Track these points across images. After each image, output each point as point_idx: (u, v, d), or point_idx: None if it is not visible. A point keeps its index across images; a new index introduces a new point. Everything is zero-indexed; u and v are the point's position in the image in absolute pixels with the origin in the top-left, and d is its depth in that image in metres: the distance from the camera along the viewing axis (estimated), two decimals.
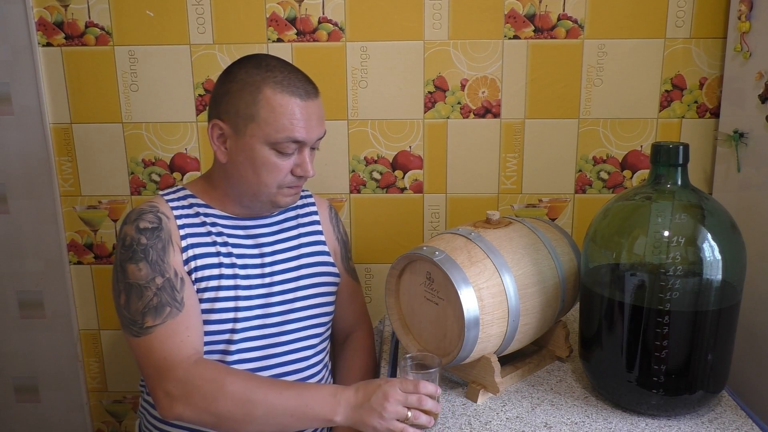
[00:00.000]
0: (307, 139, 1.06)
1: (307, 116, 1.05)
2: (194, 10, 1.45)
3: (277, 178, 1.07)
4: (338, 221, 1.29)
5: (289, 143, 1.05)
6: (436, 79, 1.48)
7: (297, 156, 1.07)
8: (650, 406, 0.96)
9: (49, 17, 1.47)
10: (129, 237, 1.04)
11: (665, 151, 0.95)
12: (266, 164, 1.06)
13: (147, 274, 1.01)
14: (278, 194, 1.10)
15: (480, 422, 0.98)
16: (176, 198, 1.13)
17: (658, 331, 0.92)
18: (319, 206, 1.26)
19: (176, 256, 1.05)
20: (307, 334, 1.15)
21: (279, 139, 1.04)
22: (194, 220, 1.11)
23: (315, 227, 1.23)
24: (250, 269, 1.12)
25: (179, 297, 1.02)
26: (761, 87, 1.23)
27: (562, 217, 1.55)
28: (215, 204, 1.14)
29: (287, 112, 1.04)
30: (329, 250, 1.23)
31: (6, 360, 1.64)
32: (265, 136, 1.04)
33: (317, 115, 1.08)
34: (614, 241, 0.98)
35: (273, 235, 1.17)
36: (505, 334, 1.02)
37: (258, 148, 1.05)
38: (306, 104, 1.05)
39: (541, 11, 1.43)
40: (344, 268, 1.27)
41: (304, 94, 1.06)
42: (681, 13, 1.42)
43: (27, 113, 1.50)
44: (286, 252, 1.17)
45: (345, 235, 1.30)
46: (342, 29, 1.46)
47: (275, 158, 1.06)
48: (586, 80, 1.46)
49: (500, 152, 1.51)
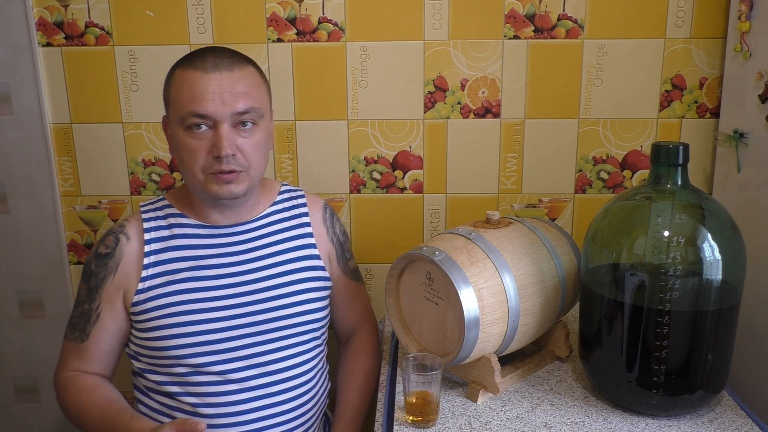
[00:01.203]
0: (213, 113, 1.01)
1: (213, 89, 1.01)
2: (194, 10, 1.45)
3: (197, 162, 1.04)
4: (334, 221, 1.26)
5: (194, 118, 1.01)
6: (436, 79, 1.48)
7: (213, 136, 1.03)
8: (650, 406, 0.96)
9: (49, 17, 1.47)
10: (90, 257, 1.14)
11: (665, 151, 0.95)
12: (183, 147, 1.04)
13: (83, 295, 1.13)
14: (206, 182, 1.05)
15: (480, 422, 0.98)
16: (153, 209, 1.14)
17: (658, 331, 0.92)
18: (311, 207, 1.23)
19: (114, 284, 1.10)
20: (297, 341, 1.14)
21: (183, 114, 1.02)
22: (166, 233, 1.12)
23: (304, 230, 1.20)
24: (223, 279, 1.10)
25: (87, 330, 1.13)
26: (761, 87, 1.23)
27: (562, 217, 1.55)
28: (191, 213, 1.13)
29: (188, 86, 1.01)
30: (320, 253, 1.20)
31: (6, 360, 1.64)
32: (175, 117, 1.04)
33: (229, 87, 1.02)
34: (614, 241, 0.98)
35: (253, 242, 1.14)
36: (505, 334, 1.02)
37: (176, 133, 1.05)
38: (209, 76, 1.01)
39: (541, 11, 1.43)
40: (341, 270, 1.24)
41: (210, 68, 1.02)
42: (681, 13, 1.42)
43: (27, 113, 1.50)
44: (268, 258, 1.14)
45: (343, 235, 1.27)
46: (342, 29, 1.46)
47: (189, 139, 1.03)
48: (586, 80, 1.46)
49: (500, 152, 1.51)
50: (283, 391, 1.12)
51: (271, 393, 1.11)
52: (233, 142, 1.03)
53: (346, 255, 1.27)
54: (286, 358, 1.12)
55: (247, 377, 1.09)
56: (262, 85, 1.10)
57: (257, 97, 1.07)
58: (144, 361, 1.13)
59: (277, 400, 1.11)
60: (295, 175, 1.54)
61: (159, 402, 1.13)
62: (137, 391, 1.17)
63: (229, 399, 1.09)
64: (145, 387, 1.15)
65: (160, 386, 1.12)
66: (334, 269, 1.23)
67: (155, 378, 1.12)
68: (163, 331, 1.08)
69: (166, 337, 1.08)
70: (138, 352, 1.13)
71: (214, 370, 1.08)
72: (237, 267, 1.12)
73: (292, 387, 1.13)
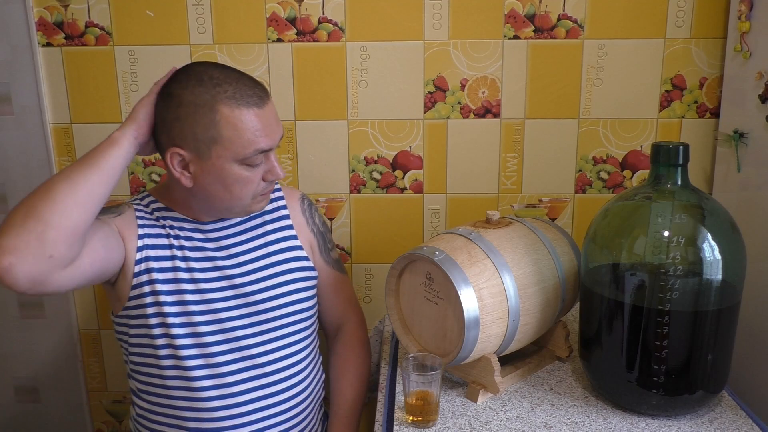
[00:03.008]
0: (272, 145, 1.05)
1: (267, 122, 1.04)
2: (194, 10, 1.45)
3: (252, 190, 1.06)
4: (313, 212, 1.26)
5: (258, 155, 1.04)
6: (436, 79, 1.48)
7: (265, 163, 1.06)
8: (650, 406, 0.96)
9: (49, 17, 1.47)
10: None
11: (665, 151, 0.95)
12: (239, 180, 1.05)
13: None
14: (252, 203, 1.09)
15: (480, 422, 0.98)
16: (141, 203, 1.14)
17: (658, 331, 0.92)
18: (288, 200, 1.23)
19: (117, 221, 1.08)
20: (286, 333, 1.14)
21: (248, 154, 1.02)
22: (155, 222, 1.12)
23: (284, 222, 1.20)
24: (210, 272, 1.11)
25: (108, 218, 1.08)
26: (761, 87, 1.23)
27: (562, 217, 1.55)
28: (177, 207, 1.14)
29: (249, 126, 1.01)
30: (302, 244, 1.20)
31: (6, 360, 1.64)
32: (233, 155, 1.02)
33: (274, 117, 1.06)
34: (614, 241, 0.98)
35: (237, 236, 1.15)
36: (505, 334, 1.02)
37: (227, 167, 1.03)
38: (263, 111, 1.03)
39: (541, 11, 1.43)
40: (324, 261, 1.24)
41: (260, 101, 1.03)
42: (681, 13, 1.42)
43: (27, 113, 1.50)
44: (253, 252, 1.15)
45: (323, 225, 1.27)
46: (342, 29, 1.46)
47: (246, 172, 1.04)
48: (586, 80, 1.46)
49: (500, 152, 1.51)
50: (276, 382, 1.12)
51: (263, 385, 1.11)
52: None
53: (328, 245, 1.27)
54: (277, 349, 1.13)
55: (239, 369, 1.10)
56: None
57: None
58: (135, 361, 1.13)
59: (270, 391, 1.11)
60: (295, 175, 1.54)
61: (151, 402, 1.13)
62: (132, 395, 1.18)
63: (224, 392, 1.09)
64: (138, 389, 1.15)
65: (151, 387, 1.12)
66: (317, 260, 1.23)
67: (146, 379, 1.12)
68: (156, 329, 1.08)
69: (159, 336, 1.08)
70: (131, 351, 1.13)
71: (209, 363, 1.09)
72: (223, 261, 1.12)
73: (284, 378, 1.13)
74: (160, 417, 1.12)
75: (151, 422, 1.14)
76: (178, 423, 1.11)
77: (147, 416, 1.14)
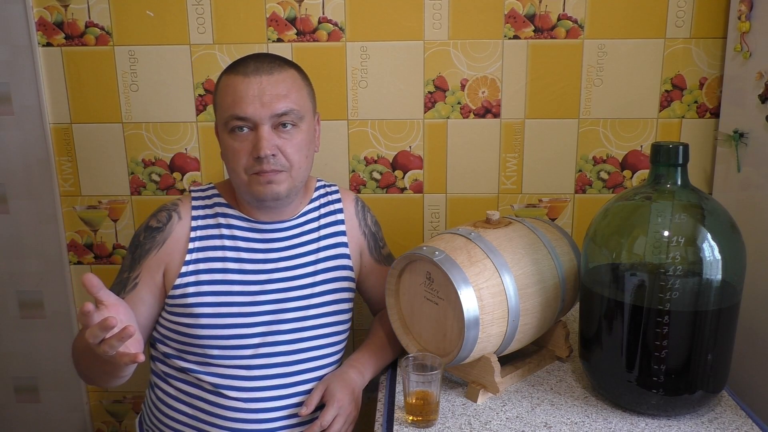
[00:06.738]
0: (252, 115, 1.04)
1: (252, 92, 1.04)
2: (194, 10, 1.45)
3: (240, 163, 1.07)
4: (366, 213, 1.27)
5: (235, 121, 1.05)
6: (436, 79, 1.48)
7: (253, 137, 1.06)
8: (650, 406, 0.96)
9: (49, 17, 1.47)
10: (140, 229, 1.16)
11: (665, 151, 0.95)
12: (227, 149, 1.09)
13: (126, 265, 1.14)
14: (250, 182, 1.08)
15: (480, 422, 0.98)
16: (203, 197, 1.17)
17: (658, 331, 0.92)
18: (344, 201, 1.25)
19: (157, 258, 1.11)
20: (320, 333, 1.15)
21: (226, 118, 1.06)
22: (211, 221, 1.15)
23: (338, 227, 1.22)
24: (259, 275, 1.13)
25: (120, 296, 1.10)
26: (761, 87, 1.23)
27: (562, 217, 1.55)
28: (236, 205, 1.17)
29: (230, 90, 1.06)
30: (351, 251, 1.22)
31: (6, 360, 1.64)
32: (220, 121, 1.08)
33: (269, 91, 1.05)
34: (614, 241, 0.98)
35: (291, 239, 1.17)
36: (505, 334, 1.02)
37: (221, 136, 1.10)
38: (249, 80, 1.04)
39: (541, 11, 1.43)
40: (375, 260, 1.26)
41: (251, 72, 1.05)
42: (681, 13, 1.42)
43: (27, 113, 1.50)
44: (304, 257, 1.17)
45: (375, 224, 1.29)
46: (342, 29, 1.46)
47: (231, 141, 1.07)
48: (586, 80, 1.46)
49: (500, 152, 1.51)
50: (303, 382, 1.13)
51: (290, 383, 1.12)
52: (273, 143, 1.06)
53: (380, 244, 1.29)
54: (309, 349, 1.14)
55: (270, 365, 1.11)
56: (303, 88, 1.12)
57: (297, 99, 1.09)
58: (172, 346, 1.13)
59: (296, 390, 1.12)
60: None
61: (177, 388, 1.14)
62: (156, 377, 1.18)
63: (252, 384, 1.10)
64: (164, 373, 1.15)
65: (182, 373, 1.13)
66: (366, 260, 1.25)
67: (180, 364, 1.12)
68: (198, 319, 1.09)
69: (200, 326, 1.09)
70: (167, 336, 1.14)
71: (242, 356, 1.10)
72: (273, 264, 1.14)
73: (313, 379, 1.14)
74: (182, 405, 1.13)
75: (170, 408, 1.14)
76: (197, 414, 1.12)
77: (167, 402, 1.14)
